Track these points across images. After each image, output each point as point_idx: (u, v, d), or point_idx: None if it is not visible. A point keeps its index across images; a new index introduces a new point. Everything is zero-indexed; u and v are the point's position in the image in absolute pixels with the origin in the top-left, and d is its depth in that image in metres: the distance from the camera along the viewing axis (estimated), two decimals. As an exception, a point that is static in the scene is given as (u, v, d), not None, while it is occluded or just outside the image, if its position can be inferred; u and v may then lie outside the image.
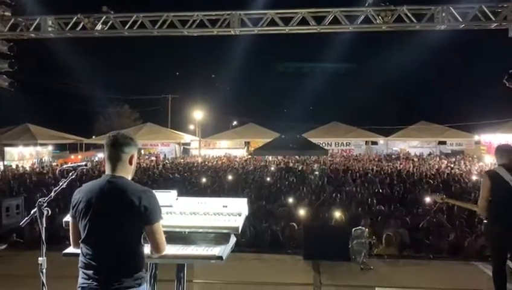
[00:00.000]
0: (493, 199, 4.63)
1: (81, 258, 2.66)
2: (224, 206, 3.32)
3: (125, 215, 2.60)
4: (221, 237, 3.15)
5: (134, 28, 11.72)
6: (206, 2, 13.24)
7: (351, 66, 52.18)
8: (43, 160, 28.39)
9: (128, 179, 2.77)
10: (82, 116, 41.75)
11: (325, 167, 20.03)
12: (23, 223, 3.01)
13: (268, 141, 24.30)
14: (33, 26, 11.82)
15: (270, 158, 25.93)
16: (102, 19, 11.62)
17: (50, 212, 2.76)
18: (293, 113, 42.17)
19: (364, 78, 50.77)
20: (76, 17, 11.72)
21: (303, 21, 11.36)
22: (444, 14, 10.76)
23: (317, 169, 18.42)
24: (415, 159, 26.92)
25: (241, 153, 31.39)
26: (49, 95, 37.98)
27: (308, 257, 6.53)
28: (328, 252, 6.43)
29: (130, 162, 2.79)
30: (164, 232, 2.79)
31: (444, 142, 30.84)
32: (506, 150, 4.86)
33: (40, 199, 2.73)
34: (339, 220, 8.44)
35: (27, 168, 23.03)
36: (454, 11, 10.72)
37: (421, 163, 24.46)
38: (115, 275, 2.57)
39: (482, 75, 37.32)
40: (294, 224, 8.39)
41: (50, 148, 31.20)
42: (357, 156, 30.02)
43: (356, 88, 49.19)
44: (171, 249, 2.95)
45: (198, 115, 37.23)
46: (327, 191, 13.03)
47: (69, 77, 38.31)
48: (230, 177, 16.01)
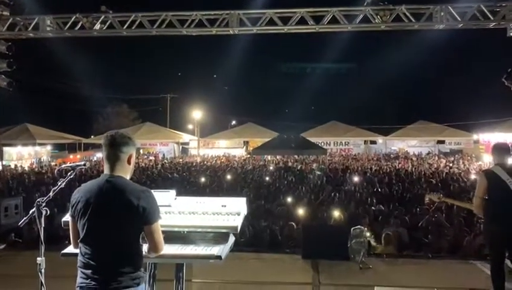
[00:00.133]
0: (491, 198, 4.64)
1: (80, 257, 2.66)
2: (223, 206, 3.31)
3: (124, 215, 2.60)
4: (220, 237, 3.15)
5: (133, 27, 11.73)
6: (205, 1, 13.26)
7: (350, 66, 52.25)
8: (42, 160, 28.33)
9: (127, 178, 2.77)
10: (81, 116, 41.75)
11: (324, 167, 20.03)
12: (21, 223, 3.00)
13: (267, 140, 24.29)
14: (31, 25, 11.82)
15: (269, 158, 25.92)
16: (101, 19, 11.62)
17: (48, 212, 2.75)
18: (292, 113, 42.18)
19: (363, 77, 50.87)
20: (74, 17, 11.73)
21: (302, 21, 11.38)
22: (442, 14, 10.78)
23: (318, 169, 18.41)
24: (413, 159, 26.93)
25: (240, 152, 31.37)
26: (48, 95, 37.94)
27: (307, 256, 6.52)
28: (327, 251, 6.43)
29: (129, 162, 2.78)
30: (163, 231, 2.79)
31: (442, 142, 30.83)
32: (503, 149, 4.86)
33: (38, 199, 2.72)
34: (338, 220, 8.43)
35: (26, 168, 22.99)
36: (452, 10, 10.75)
37: (420, 162, 24.49)
38: (114, 274, 2.57)
39: (480, 75, 37.38)
40: (293, 223, 8.39)
41: (49, 148, 31.15)
42: (355, 155, 30.03)
43: (355, 88, 49.21)
44: (170, 249, 2.95)
45: (197, 114, 37.20)
46: (326, 190, 13.04)
47: (67, 77, 38.30)
48: (229, 177, 16.00)
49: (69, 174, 2.99)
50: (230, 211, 3.27)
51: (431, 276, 5.92)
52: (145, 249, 2.76)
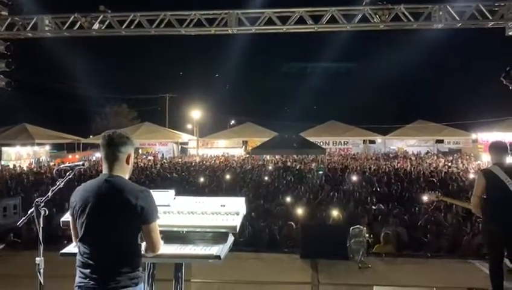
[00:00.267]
0: (489, 198, 4.65)
1: (79, 257, 2.66)
2: (222, 206, 3.31)
3: (122, 214, 2.60)
4: (219, 236, 3.15)
5: (132, 27, 11.72)
6: (203, 1, 13.25)
7: (348, 65, 52.38)
8: (41, 160, 28.27)
9: (126, 178, 2.76)
10: (79, 115, 41.72)
11: (323, 166, 20.03)
12: (20, 223, 3.00)
13: (266, 140, 24.28)
14: (30, 25, 11.81)
15: (268, 157, 25.91)
16: (100, 18, 11.61)
17: (47, 212, 2.75)
18: (291, 113, 42.27)
19: (362, 77, 50.93)
20: (73, 17, 11.72)
21: (300, 20, 11.38)
22: (441, 13, 10.80)
23: (319, 168, 18.39)
24: (412, 158, 26.93)
25: (239, 152, 31.34)
26: (47, 95, 37.95)
27: (306, 255, 6.52)
28: (326, 250, 6.43)
29: (127, 162, 2.78)
30: (162, 231, 2.79)
31: (441, 141, 30.85)
32: (501, 148, 4.85)
33: (37, 199, 2.72)
34: (337, 219, 8.43)
35: (24, 168, 22.96)
36: (451, 9, 10.76)
37: (419, 162, 24.50)
38: (112, 274, 2.57)
39: (479, 74, 37.46)
40: (292, 223, 8.39)
41: (47, 148, 31.07)
42: (354, 155, 30.04)
43: (353, 87, 49.24)
44: (169, 249, 2.95)
45: (196, 114, 37.18)
46: (325, 190, 13.05)
47: (66, 77, 38.31)
48: (228, 177, 15.99)
49: (67, 174, 2.99)
50: (229, 210, 3.26)
51: (430, 275, 5.92)
52: (142, 248, 2.76)
